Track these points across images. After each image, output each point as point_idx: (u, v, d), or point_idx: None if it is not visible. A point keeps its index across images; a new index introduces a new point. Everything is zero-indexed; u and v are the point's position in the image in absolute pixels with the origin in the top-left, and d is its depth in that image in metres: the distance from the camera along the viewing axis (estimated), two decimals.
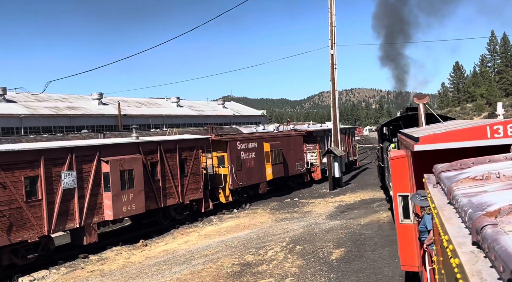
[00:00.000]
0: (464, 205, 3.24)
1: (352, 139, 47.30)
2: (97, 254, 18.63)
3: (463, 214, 3.18)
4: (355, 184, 36.78)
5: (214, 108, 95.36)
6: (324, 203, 28.30)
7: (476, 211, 2.87)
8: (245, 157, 28.68)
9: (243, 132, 38.70)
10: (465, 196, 3.46)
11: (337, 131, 35.65)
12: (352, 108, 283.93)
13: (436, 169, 5.25)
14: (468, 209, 3.08)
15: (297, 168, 34.81)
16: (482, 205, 2.97)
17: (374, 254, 16.36)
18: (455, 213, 3.55)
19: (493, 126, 7.46)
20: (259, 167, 29.92)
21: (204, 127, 30.74)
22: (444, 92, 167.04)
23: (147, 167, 21.06)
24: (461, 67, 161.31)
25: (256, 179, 29.63)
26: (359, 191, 32.49)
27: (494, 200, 3.02)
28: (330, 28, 35.15)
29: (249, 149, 29.19)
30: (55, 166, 17.15)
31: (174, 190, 22.65)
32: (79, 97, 72.41)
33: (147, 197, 20.90)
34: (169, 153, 22.51)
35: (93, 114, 65.37)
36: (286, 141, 33.62)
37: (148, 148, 21.34)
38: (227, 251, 18.18)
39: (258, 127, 44.44)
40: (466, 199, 3.36)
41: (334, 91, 35.38)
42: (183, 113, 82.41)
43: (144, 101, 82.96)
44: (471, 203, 3.18)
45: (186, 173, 23.52)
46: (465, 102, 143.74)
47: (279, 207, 27.82)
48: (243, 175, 28.39)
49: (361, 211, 24.57)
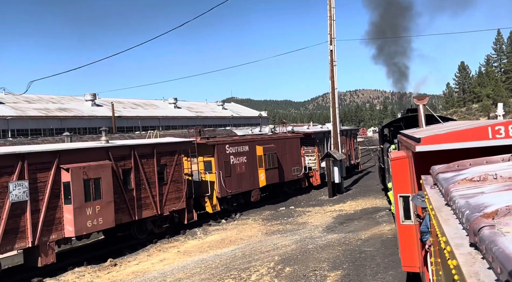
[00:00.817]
0: (462, 207, 3.27)
1: (354, 141, 44.68)
2: (55, 278, 16.08)
3: (461, 215, 3.21)
4: (356, 190, 34.18)
5: (213, 109, 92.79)
6: (321, 213, 25.72)
7: (474, 213, 2.90)
8: (235, 162, 26.14)
9: (237, 134, 36.15)
10: (462, 198, 3.50)
11: (337, 133, 33.07)
12: (356, 109, 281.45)
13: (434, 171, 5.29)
14: (465, 210, 3.12)
15: (294, 173, 32.24)
16: (480, 206, 3.00)
17: (376, 279, 13.80)
18: (453, 215, 3.59)
19: (495, 127, 7.41)
20: (251, 172, 27.38)
21: (191, 129, 28.19)
22: (449, 93, 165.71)
23: (118, 175, 18.55)
24: (466, 67, 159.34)
25: (248, 186, 27.08)
26: (361, 198, 29.90)
27: (492, 201, 3.04)
28: (329, 22, 32.60)
29: (240, 153, 26.66)
30: (1, 176, 14.64)
31: (151, 201, 20.14)
32: (72, 98, 69.98)
33: (118, 209, 18.39)
34: (145, 159, 20.00)
35: (85, 115, 62.90)
36: (281, 144, 31.08)
37: (120, 154, 18.83)
38: (205, 274, 15.63)
39: (254, 129, 41.87)
40: (464, 200, 3.40)
41: (333, 90, 32.82)
42: (180, 115, 79.87)
43: (140, 102, 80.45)
44: (469, 204, 3.22)
45: (165, 181, 21.00)
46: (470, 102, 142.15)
47: (272, 217, 25.27)
48: (232, 182, 25.85)
49: (362, 222, 22.00)
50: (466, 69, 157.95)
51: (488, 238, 2.39)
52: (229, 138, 26.86)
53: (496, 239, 2.30)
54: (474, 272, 2.32)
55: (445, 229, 3.26)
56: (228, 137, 27.93)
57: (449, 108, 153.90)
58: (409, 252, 10.21)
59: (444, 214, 3.70)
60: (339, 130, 33.35)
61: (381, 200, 27.65)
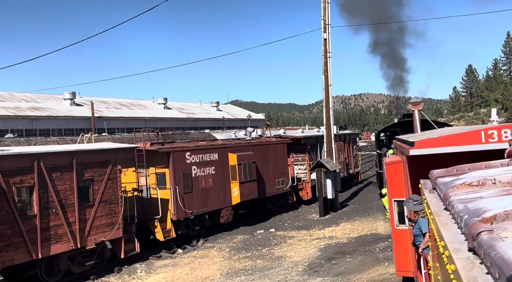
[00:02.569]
0: (460, 211, 3.29)
1: (353, 148, 39.06)
2: None
3: (459, 220, 3.24)
4: (354, 206, 28.63)
5: (207, 111, 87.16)
6: (307, 240, 20.19)
7: (472, 217, 2.92)
8: (198, 174, 20.66)
9: (217, 138, 30.57)
10: (461, 202, 3.51)
11: (331, 138, 27.58)
12: (361, 113, 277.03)
13: (432, 175, 5.38)
14: (464, 215, 3.13)
15: (279, 186, 26.72)
16: (478, 211, 3.03)
17: None
18: (451, 219, 3.62)
19: (488, 131, 7.62)
20: (220, 187, 21.89)
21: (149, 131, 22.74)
22: (456, 97, 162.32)
23: (8, 196, 13.10)
24: (474, 70, 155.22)
25: (216, 204, 21.59)
26: (358, 218, 24.37)
27: (490, 206, 3.06)
28: (322, 5, 27.13)
29: (206, 162, 21.18)
30: None
31: (67, 230, 14.67)
32: (50, 97, 64.50)
33: (8, 245, 12.96)
34: (59, 172, 14.54)
35: (60, 115, 57.39)
36: (263, 151, 25.59)
37: (14, 165, 13.40)
38: None
39: (238, 132, 36.26)
40: (462, 205, 3.41)
41: (327, 86, 27.34)
42: (170, 116, 74.25)
43: (126, 102, 74.87)
44: (467, 209, 3.23)
45: (91, 202, 15.55)
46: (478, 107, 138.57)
47: (244, 245, 19.75)
48: (194, 200, 20.37)
49: (356, 259, 16.48)
50: (473, 72, 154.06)
51: (486, 243, 2.40)
52: (191, 144, 21.32)
53: (494, 244, 2.30)
54: (472, 277, 2.32)
55: (443, 234, 3.29)
56: (191, 142, 22.37)
57: (456, 112, 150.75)
58: (403, 256, 10.19)
59: (443, 218, 3.75)
60: (333, 135, 27.86)
61: (382, 222, 22.16)
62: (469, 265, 2.48)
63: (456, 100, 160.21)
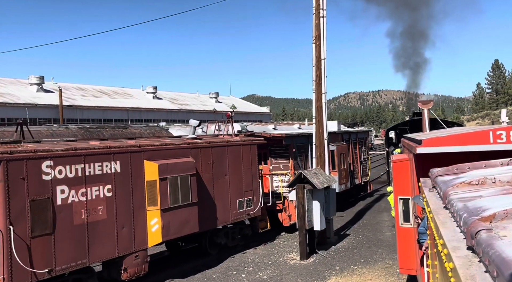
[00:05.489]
0: (459, 210, 3.23)
1: (362, 151, 29.71)
2: None
3: (458, 218, 3.18)
4: (356, 238, 19.46)
5: (203, 102, 77.90)
6: None
7: (471, 216, 2.86)
8: (72, 200, 11.68)
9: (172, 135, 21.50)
10: (460, 201, 3.44)
11: (323, 139, 18.44)
12: (378, 109, 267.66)
13: (432, 173, 5.32)
14: (463, 213, 3.07)
15: (241, 209, 17.54)
16: (477, 210, 2.96)
17: None
18: (450, 217, 3.55)
19: (496, 132, 7.46)
20: (124, 218, 12.90)
21: None
22: (480, 94, 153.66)
23: None
24: (501, 65, 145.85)
25: (112, 249, 12.58)
26: (360, 265, 15.25)
27: (489, 205, 3.01)
28: None
29: (93, 178, 12.20)
30: None
31: None
32: (14, 81, 55.71)
33: None
34: None
35: (20, 103, 48.73)
36: (215, 157, 16.49)
37: None
38: None
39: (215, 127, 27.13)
40: (462, 203, 3.34)
41: (319, 60, 18.19)
42: (158, 107, 65.22)
43: (109, 90, 65.88)
44: (466, 207, 3.16)
45: None
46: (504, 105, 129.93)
47: None
48: (59, 246, 11.40)
49: None
50: (500, 68, 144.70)
51: (485, 241, 2.37)
52: (61, 147, 12.20)
53: (493, 243, 2.28)
54: (470, 275, 2.29)
55: (442, 232, 3.23)
56: (61, 144, 13.19)
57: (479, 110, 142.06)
58: (407, 254, 10.05)
59: (442, 216, 3.70)
60: (327, 133, 18.68)
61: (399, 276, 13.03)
62: (468, 263, 2.50)
63: (480, 97, 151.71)
